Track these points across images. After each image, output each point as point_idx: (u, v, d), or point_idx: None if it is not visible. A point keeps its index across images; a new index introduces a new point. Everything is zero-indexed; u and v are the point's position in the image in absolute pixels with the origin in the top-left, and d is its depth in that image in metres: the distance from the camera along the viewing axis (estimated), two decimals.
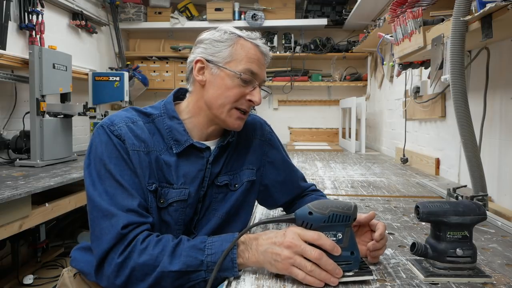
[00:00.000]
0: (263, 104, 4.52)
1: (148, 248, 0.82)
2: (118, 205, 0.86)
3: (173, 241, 0.83)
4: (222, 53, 0.99)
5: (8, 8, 2.56)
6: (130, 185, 0.89)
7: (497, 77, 1.58)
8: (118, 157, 0.91)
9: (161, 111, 1.02)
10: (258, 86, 1.01)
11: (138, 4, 4.19)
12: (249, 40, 1.01)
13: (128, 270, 0.81)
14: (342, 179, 2.02)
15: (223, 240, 0.82)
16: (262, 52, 1.02)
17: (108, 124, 0.94)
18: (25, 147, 2.48)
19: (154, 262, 0.80)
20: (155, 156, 0.96)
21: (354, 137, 3.50)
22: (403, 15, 1.70)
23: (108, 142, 0.92)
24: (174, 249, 0.81)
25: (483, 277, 0.76)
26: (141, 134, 0.96)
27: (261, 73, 1.02)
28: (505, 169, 1.53)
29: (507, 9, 1.00)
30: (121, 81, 3.18)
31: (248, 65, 0.98)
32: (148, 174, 0.94)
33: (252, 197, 1.14)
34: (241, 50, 0.99)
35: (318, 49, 4.17)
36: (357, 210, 0.76)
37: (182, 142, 0.99)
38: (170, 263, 0.79)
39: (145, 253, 0.81)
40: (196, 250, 0.81)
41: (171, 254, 0.81)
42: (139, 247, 0.82)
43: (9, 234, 1.74)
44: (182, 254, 0.80)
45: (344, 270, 0.74)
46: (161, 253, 0.81)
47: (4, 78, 2.54)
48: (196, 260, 0.80)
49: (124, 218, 0.84)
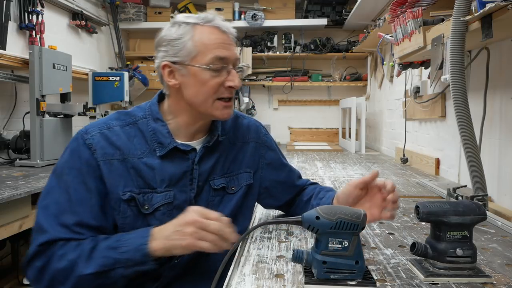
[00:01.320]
0: (263, 104, 4.52)
1: (67, 254, 0.85)
2: (57, 220, 0.88)
3: (90, 245, 0.86)
4: (184, 50, 0.94)
5: (8, 8, 2.56)
6: (78, 201, 0.90)
7: (497, 77, 1.58)
8: (78, 169, 0.92)
9: (146, 113, 1.00)
10: (233, 69, 0.96)
11: (138, 4, 4.19)
12: (206, 25, 0.95)
13: (48, 276, 0.85)
14: (342, 179, 2.02)
15: (137, 237, 0.86)
16: (224, 31, 0.96)
17: (82, 132, 0.96)
18: (25, 147, 2.47)
19: (71, 267, 0.83)
20: (133, 162, 0.95)
21: (354, 137, 3.50)
22: (403, 15, 1.70)
23: (75, 152, 0.94)
24: (90, 252, 0.85)
25: (483, 277, 0.76)
26: (116, 141, 0.95)
27: (231, 54, 0.96)
28: (505, 169, 1.53)
29: (507, 9, 1.00)
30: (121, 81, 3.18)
31: (214, 53, 0.93)
32: (124, 183, 0.93)
33: (251, 201, 1.13)
34: (201, 39, 0.94)
35: (318, 49, 4.17)
36: (366, 219, 0.75)
37: (165, 145, 0.97)
38: (86, 267, 0.83)
39: (63, 259, 0.84)
40: (111, 250, 0.85)
41: (87, 258, 0.84)
42: (57, 253, 0.85)
43: (9, 234, 1.74)
44: (97, 256, 0.84)
45: (347, 279, 0.74)
46: (78, 258, 0.84)
47: (4, 78, 2.54)
48: (110, 259, 0.83)
49: (52, 234, 0.87)
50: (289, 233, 1.07)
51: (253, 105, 4.24)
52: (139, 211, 0.95)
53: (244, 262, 0.87)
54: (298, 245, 0.98)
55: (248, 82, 4.30)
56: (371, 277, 0.76)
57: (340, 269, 0.74)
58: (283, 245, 0.97)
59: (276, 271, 0.81)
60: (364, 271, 0.76)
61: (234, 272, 0.81)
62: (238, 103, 4.04)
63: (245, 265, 0.85)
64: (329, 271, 0.74)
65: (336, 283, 0.74)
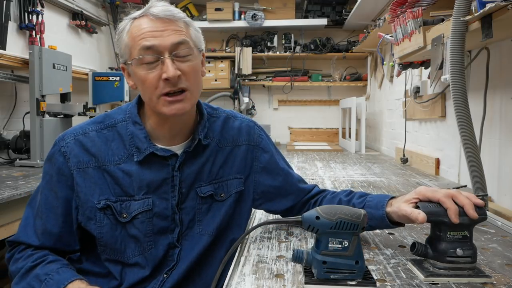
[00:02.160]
0: (263, 104, 4.52)
1: (18, 261, 0.92)
2: (31, 220, 0.95)
3: (33, 263, 0.90)
4: (123, 48, 0.89)
5: (8, 8, 2.56)
6: (46, 207, 0.93)
7: (497, 77, 1.58)
8: (50, 176, 0.94)
9: (125, 115, 0.96)
10: (167, 58, 0.85)
11: (138, 4, 4.19)
12: (139, 16, 0.88)
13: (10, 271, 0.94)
14: (342, 179, 2.02)
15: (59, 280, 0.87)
16: (154, 18, 0.86)
17: (60, 139, 0.95)
18: (25, 147, 2.47)
19: (13, 276, 0.91)
20: (108, 169, 0.92)
21: (354, 137, 3.50)
22: (403, 15, 1.70)
23: (51, 158, 0.95)
24: (27, 271, 0.90)
25: (483, 277, 0.76)
26: (90, 148, 0.92)
27: (162, 41, 0.84)
28: (505, 169, 1.53)
29: (507, 9, 1.00)
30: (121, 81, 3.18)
31: (140, 44, 0.85)
32: (99, 191, 0.91)
33: (244, 208, 1.05)
34: (132, 33, 0.87)
35: (318, 49, 4.17)
36: (366, 219, 0.75)
37: (142, 150, 0.92)
38: (17, 284, 0.89)
39: (14, 264, 0.92)
40: (38, 281, 0.88)
41: (22, 275, 0.90)
42: (15, 256, 0.94)
43: (9, 234, 1.73)
44: (26, 281, 0.89)
45: (347, 279, 0.74)
46: (18, 272, 0.90)
47: (4, 78, 2.54)
48: None
49: (16, 237, 0.95)
50: (289, 233, 1.07)
51: (253, 105, 4.23)
52: (116, 219, 0.91)
53: (244, 262, 0.87)
54: (298, 245, 0.98)
55: (248, 82, 4.30)
56: (371, 277, 0.76)
57: (340, 269, 0.74)
58: (283, 245, 0.97)
59: (276, 271, 0.81)
60: (364, 271, 0.76)
61: (234, 272, 0.81)
62: (238, 103, 4.04)
63: (245, 265, 0.85)
64: (329, 271, 0.74)
65: (336, 283, 0.74)
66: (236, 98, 4.09)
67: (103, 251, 0.94)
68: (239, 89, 4.05)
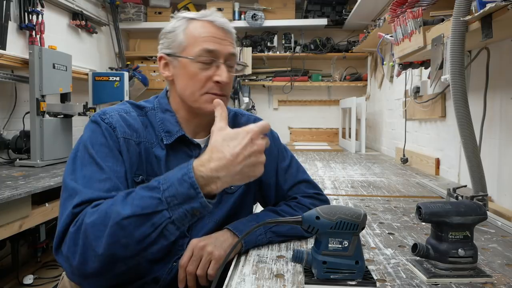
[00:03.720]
0: (263, 104, 4.52)
1: (99, 207, 0.74)
2: (92, 187, 0.80)
3: (125, 191, 0.76)
4: (176, 42, 0.95)
5: (8, 8, 2.56)
6: (112, 171, 0.85)
7: (497, 77, 1.58)
8: (102, 144, 0.88)
9: (154, 105, 1.01)
10: (223, 64, 0.94)
11: (138, 4, 4.19)
12: (201, 19, 0.95)
13: (81, 240, 0.72)
14: (342, 179, 2.02)
15: (178, 169, 0.73)
16: (218, 26, 0.95)
17: (99, 113, 0.94)
18: (25, 147, 2.47)
19: (104, 217, 0.71)
20: (146, 147, 0.94)
21: (354, 137, 3.50)
22: (403, 15, 1.70)
23: (96, 129, 0.90)
24: (126, 196, 0.74)
25: (484, 277, 0.76)
26: (134, 124, 0.95)
27: (222, 49, 0.94)
28: (505, 169, 1.53)
29: (507, 9, 1.00)
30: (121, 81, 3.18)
31: (203, 45, 0.92)
32: (137, 165, 0.92)
33: (249, 198, 1.10)
34: (192, 32, 0.94)
35: (318, 49, 4.17)
36: (366, 219, 0.75)
37: (173, 133, 0.97)
38: (122, 209, 0.71)
39: (95, 213, 0.73)
40: (150, 190, 0.73)
41: (122, 201, 0.73)
42: (89, 211, 0.75)
43: (9, 234, 1.73)
44: (135, 198, 0.72)
45: (348, 279, 0.74)
46: (111, 206, 0.73)
47: (4, 78, 2.54)
48: (152, 199, 0.71)
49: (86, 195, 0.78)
50: None
51: (253, 105, 4.24)
52: None
53: (244, 262, 0.87)
54: (298, 245, 0.98)
55: (248, 82, 4.30)
56: (371, 277, 0.76)
57: (340, 269, 0.74)
58: (283, 245, 0.97)
59: (276, 271, 0.81)
60: (364, 271, 0.76)
61: (234, 272, 0.81)
62: (238, 103, 4.04)
63: (245, 265, 0.85)
64: (329, 271, 0.74)
65: (336, 283, 0.74)
66: (236, 98, 4.09)
67: None
68: (239, 89, 4.05)
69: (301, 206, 1.07)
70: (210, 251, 0.89)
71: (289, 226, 0.99)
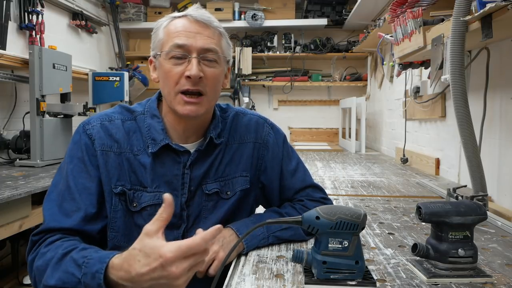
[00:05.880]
0: (263, 104, 4.52)
1: (46, 254, 0.81)
2: (55, 210, 0.87)
3: (64, 250, 0.79)
4: (156, 41, 0.94)
5: (8, 8, 2.56)
6: (79, 190, 0.89)
7: (497, 77, 1.58)
8: (79, 158, 0.92)
9: (144, 109, 1.00)
10: (194, 58, 0.89)
11: (138, 4, 4.19)
12: (179, 16, 0.93)
13: (33, 272, 0.82)
14: (342, 179, 2.02)
15: (98, 259, 0.73)
16: (192, 21, 0.91)
17: (84, 123, 0.96)
18: (25, 147, 2.47)
19: (43, 270, 0.79)
20: (128, 157, 0.94)
21: (354, 137, 3.50)
22: (403, 15, 1.70)
23: (77, 142, 0.94)
24: (60, 260, 0.78)
25: (484, 276, 0.76)
26: (115, 134, 0.95)
27: (194, 43, 0.89)
28: (505, 169, 1.53)
29: (507, 9, 1.00)
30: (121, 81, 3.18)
31: (173, 40, 0.90)
32: (117, 176, 0.92)
33: (247, 204, 1.06)
34: (168, 29, 0.92)
35: (318, 49, 4.17)
36: (366, 219, 0.75)
37: (158, 141, 0.94)
38: (50, 277, 0.77)
39: (42, 258, 0.81)
40: (76, 266, 0.75)
41: (54, 265, 0.78)
42: (41, 251, 0.82)
43: (9, 234, 1.74)
44: (62, 269, 0.77)
45: (347, 279, 0.74)
46: (49, 262, 0.79)
47: (4, 78, 2.54)
48: (73, 277, 0.75)
49: (47, 225, 0.86)
50: None
51: (253, 105, 4.23)
52: (127, 207, 0.93)
53: (244, 262, 0.87)
54: (298, 245, 0.98)
55: (248, 82, 4.30)
56: (371, 277, 0.76)
57: (340, 269, 0.74)
58: (283, 245, 0.97)
59: (276, 271, 0.81)
60: (364, 271, 0.76)
61: (234, 272, 0.81)
62: (238, 103, 4.04)
63: (245, 265, 0.85)
64: (329, 271, 0.74)
65: (336, 283, 0.74)
66: (236, 98, 4.09)
67: (114, 237, 0.94)
68: (239, 89, 4.05)
69: (306, 209, 1.04)
70: (216, 250, 0.89)
71: (293, 231, 0.99)
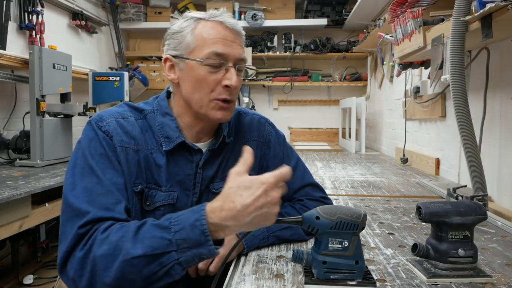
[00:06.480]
0: (263, 104, 4.52)
1: (109, 236, 0.73)
2: (95, 202, 0.79)
3: (136, 224, 0.75)
4: (183, 43, 0.91)
5: (8, 8, 2.56)
6: (112, 184, 0.83)
7: (497, 77, 1.58)
8: (102, 154, 0.86)
9: (154, 107, 0.97)
10: (232, 67, 0.90)
11: (138, 4, 4.19)
12: (210, 19, 0.91)
13: (89, 266, 0.72)
14: (342, 179, 2.02)
15: (191, 212, 0.73)
16: (228, 27, 0.91)
17: (96, 120, 0.91)
18: (25, 147, 2.47)
19: (114, 250, 0.71)
20: (145, 154, 0.91)
21: (354, 137, 3.50)
22: (403, 15, 1.70)
23: (94, 138, 0.87)
24: (137, 232, 0.73)
25: (484, 276, 0.76)
26: (131, 131, 0.91)
27: (232, 52, 0.90)
28: (505, 169, 1.53)
29: (507, 9, 1.00)
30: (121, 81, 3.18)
31: (212, 47, 0.88)
32: (136, 174, 0.89)
33: None
34: (201, 33, 0.90)
35: (318, 49, 4.17)
36: (366, 219, 0.75)
37: (173, 139, 0.93)
38: (133, 248, 0.71)
39: (105, 242, 0.72)
40: (161, 229, 0.72)
41: (132, 238, 0.72)
42: (99, 238, 0.74)
43: (9, 234, 1.73)
44: (146, 237, 0.72)
45: (348, 279, 0.74)
46: (122, 239, 0.72)
47: (4, 78, 2.54)
48: (162, 240, 0.71)
49: (93, 214, 0.77)
50: None
51: (253, 105, 4.24)
52: (141, 206, 0.92)
53: (244, 262, 0.87)
54: (298, 245, 0.98)
55: (248, 82, 4.30)
56: (371, 277, 0.76)
57: (340, 269, 0.74)
58: (283, 245, 0.97)
59: (276, 271, 0.81)
60: (364, 271, 0.76)
61: (234, 272, 0.81)
62: (238, 103, 4.04)
63: (245, 265, 0.85)
64: (329, 271, 0.74)
65: (336, 283, 0.74)
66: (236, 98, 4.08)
67: None
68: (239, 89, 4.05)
69: (306, 209, 1.04)
70: None
71: (292, 231, 0.99)
